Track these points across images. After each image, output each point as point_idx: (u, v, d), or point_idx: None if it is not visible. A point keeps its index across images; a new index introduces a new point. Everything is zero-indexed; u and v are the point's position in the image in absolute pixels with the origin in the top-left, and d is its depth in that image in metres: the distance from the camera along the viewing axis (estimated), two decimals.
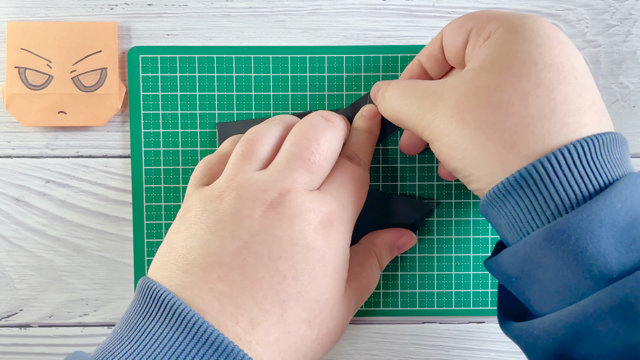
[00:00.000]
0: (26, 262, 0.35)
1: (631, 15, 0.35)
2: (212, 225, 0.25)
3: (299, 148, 0.27)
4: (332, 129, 0.28)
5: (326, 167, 0.27)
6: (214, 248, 0.24)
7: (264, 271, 0.24)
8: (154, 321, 0.23)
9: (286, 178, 0.26)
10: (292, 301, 0.24)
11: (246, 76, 0.34)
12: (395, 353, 0.35)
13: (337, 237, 0.26)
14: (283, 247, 0.24)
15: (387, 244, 0.32)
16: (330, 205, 0.26)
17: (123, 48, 0.34)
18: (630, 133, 0.35)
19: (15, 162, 0.35)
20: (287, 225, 0.25)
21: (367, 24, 0.35)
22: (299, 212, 0.25)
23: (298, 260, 0.25)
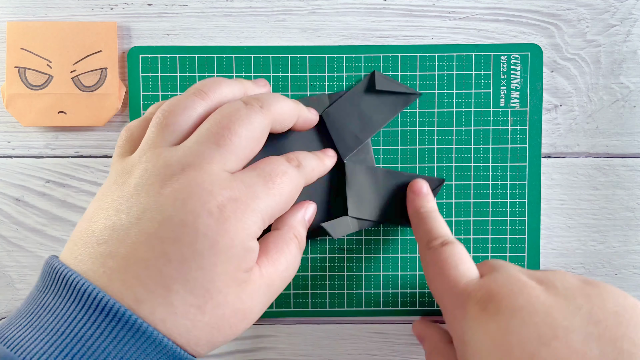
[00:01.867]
0: (26, 262, 0.35)
1: (631, 15, 0.35)
2: (116, 199, 0.24)
3: (211, 124, 0.25)
4: (250, 110, 0.26)
5: (241, 149, 0.25)
6: (110, 222, 0.24)
7: (150, 251, 0.23)
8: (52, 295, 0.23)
9: (192, 153, 0.24)
10: (178, 285, 0.23)
11: (246, 76, 0.34)
12: (395, 353, 0.35)
13: (236, 226, 0.24)
14: (172, 227, 0.23)
15: (301, 221, 0.30)
16: (235, 190, 0.24)
17: (123, 48, 0.34)
18: (630, 133, 0.35)
19: (15, 162, 0.35)
20: (180, 204, 0.23)
21: (367, 24, 0.35)
22: (196, 192, 0.23)
23: (185, 244, 0.23)
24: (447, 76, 0.34)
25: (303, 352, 0.35)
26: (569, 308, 0.24)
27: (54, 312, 0.22)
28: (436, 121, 0.35)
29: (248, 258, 0.25)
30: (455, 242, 0.29)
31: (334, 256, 0.35)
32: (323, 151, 0.33)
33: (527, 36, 0.35)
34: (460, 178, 0.35)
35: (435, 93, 0.34)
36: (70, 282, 0.22)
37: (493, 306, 0.25)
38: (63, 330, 0.22)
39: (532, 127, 0.35)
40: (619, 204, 0.35)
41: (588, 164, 0.35)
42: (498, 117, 0.35)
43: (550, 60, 0.35)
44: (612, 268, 0.35)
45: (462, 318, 0.26)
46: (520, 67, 0.34)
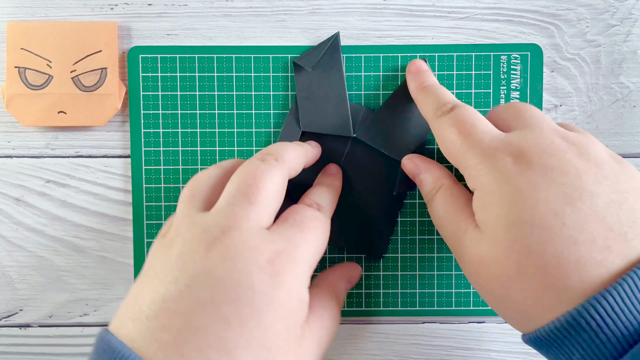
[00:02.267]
0: (26, 262, 0.35)
1: (631, 15, 0.35)
2: (160, 271, 0.24)
3: (239, 184, 0.26)
4: (269, 165, 0.27)
5: (270, 202, 0.26)
6: (159, 295, 0.23)
7: (207, 317, 0.22)
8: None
9: (227, 215, 0.25)
10: (240, 350, 0.22)
11: (246, 76, 0.34)
12: (395, 353, 0.35)
13: (289, 278, 0.24)
14: (226, 289, 0.23)
15: (341, 279, 0.31)
16: (278, 243, 0.25)
17: (123, 48, 0.34)
18: (630, 133, 0.35)
19: (15, 162, 0.35)
20: (230, 264, 0.23)
21: (367, 24, 0.35)
22: (243, 250, 0.23)
23: (243, 304, 0.23)
24: (447, 76, 0.34)
25: None
26: (597, 175, 0.24)
27: None
28: None
29: (302, 310, 0.25)
30: (465, 105, 0.28)
31: (334, 256, 0.35)
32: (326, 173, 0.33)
33: (527, 36, 0.35)
34: (461, 178, 0.35)
35: None
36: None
37: (525, 162, 0.24)
38: None
39: None
40: None
41: None
42: None
43: (550, 60, 0.35)
44: None
45: (488, 171, 0.25)
46: (520, 67, 0.34)
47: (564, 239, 0.23)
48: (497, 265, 0.24)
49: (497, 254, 0.24)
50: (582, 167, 0.24)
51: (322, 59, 0.33)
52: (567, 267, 0.22)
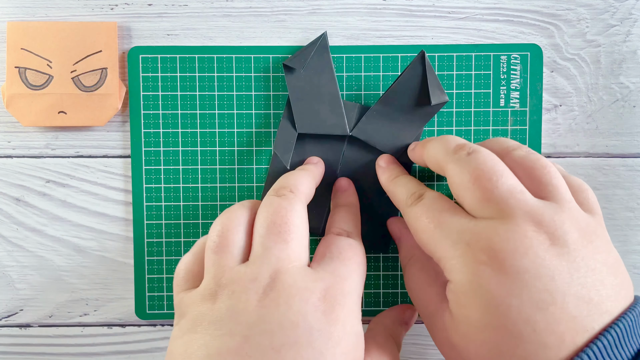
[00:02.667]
0: (26, 262, 0.35)
1: (631, 15, 0.35)
2: (209, 326, 0.24)
3: (268, 226, 0.26)
4: (288, 199, 0.27)
5: (302, 236, 0.26)
6: (214, 349, 0.23)
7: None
8: None
9: (270, 260, 0.25)
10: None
11: (246, 76, 0.34)
12: None
13: (343, 313, 0.24)
14: (284, 333, 0.23)
15: (396, 321, 0.31)
16: (325, 279, 0.25)
17: (123, 48, 0.34)
18: (630, 133, 0.35)
19: (15, 162, 0.35)
20: (285, 308, 0.23)
21: (367, 24, 0.35)
22: (294, 292, 0.24)
23: (303, 345, 0.22)
24: (447, 76, 0.34)
25: None
26: (569, 272, 0.23)
27: None
28: (436, 121, 0.35)
29: (360, 344, 0.25)
30: (431, 191, 0.28)
31: None
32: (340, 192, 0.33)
33: (527, 36, 0.35)
34: None
35: None
36: None
37: (497, 264, 0.24)
38: None
39: (532, 127, 0.35)
40: (619, 204, 0.35)
41: (588, 164, 0.35)
42: (498, 117, 0.35)
43: (550, 60, 0.35)
44: None
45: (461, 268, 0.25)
46: (520, 67, 0.34)
47: (534, 344, 0.23)
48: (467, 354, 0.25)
49: (468, 348, 0.25)
50: (554, 266, 0.23)
51: (311, 59, 0.33)
52: None
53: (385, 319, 0.31)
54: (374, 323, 0.31)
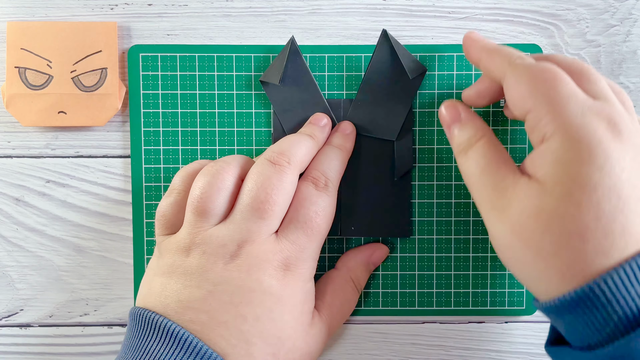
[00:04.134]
0: (26, 262, 0.35)
1: (631, 15, 0.35)
2: (181, 276, 0.28)
3: (251, 199, 0.28)
4: (280, 173, 0.29)
5: (281, 211, 0.29)
6: (184, 297, 0.28)
7: (228, 315, 0.27)
8: (155, 343, 0.27)
9: (242, 230, 0.28)
10: (255, 338, 0.27)
11: (246, 75, 0.34)
12: (395, 353, 0.35)
13: (294, 278, 0.29)
14: (243, 294, 0.28)
15: (361, 264, 0.33)
16: (285, 251, 0.29)
17: (123, 48, 0.35)
18: None
19: (15, 162, 0.35)
20: (245, 275, 0.28)
21: (367, 24, 0.35)
22: (255, 263, 0.28)
23: (256, 304, 0.28)
24: (447, 76, 0.34)
25: None
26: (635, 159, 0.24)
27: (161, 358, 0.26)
28: (436, 121, 0.35)
29: (308, 299, 0.30)
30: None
31: (334, 255, 0.35)
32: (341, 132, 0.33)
33: (527, 36, 0.35)
34: (460, 178, 0.35)
35: (435, 93, 0.34)
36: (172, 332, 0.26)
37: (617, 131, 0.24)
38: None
39: None
40: None
41: None
42: (498, 117, 0.35)
43: None
44: None
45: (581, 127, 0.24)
46: None
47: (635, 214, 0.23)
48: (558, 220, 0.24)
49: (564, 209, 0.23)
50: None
51: (286, 68, 0.33)
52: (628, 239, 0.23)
53: (350, 261, 0.34)
54: (340, 263, 0.34)
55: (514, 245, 0.25)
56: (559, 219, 0.24)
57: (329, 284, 0.33)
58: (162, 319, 0.27)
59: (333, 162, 0.32)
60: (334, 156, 0.32)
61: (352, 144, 0.33)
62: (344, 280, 0.33)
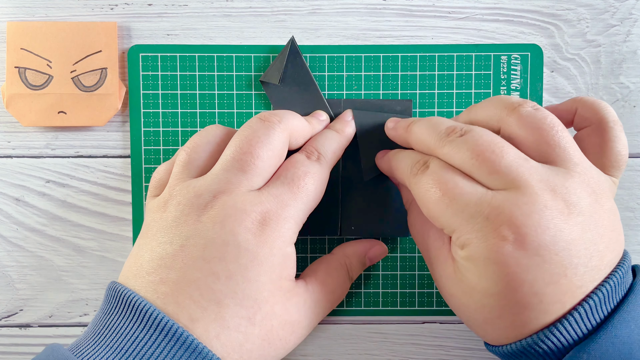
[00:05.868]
0: (26, 262, 0.35)
1: (631, 15, 0.35)
2: (156, 232, 0.27)
3: (234, 151, 0.27)
4: (268, 128, 0.28)
5: (265, 168, 0.27)
6: (156, 254, 0.26)
7: (199, 272, 0.25)
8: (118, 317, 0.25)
9: (220, 181, 0.27)
10: (228, 299, 0.25)
11: (246, 75, 0.34)
12: (395, 353, 0.35)
13: (272, 236, 0.26)
14: (215, 248, 0.25)
15: (357, 254, 0.33)
16: (265, 204, 0.26)
17: (123, 48, 0.34)
18: (630, 133, 0.35)
19: (15, 162, 0.35)
20: (219, 227, 0.25)
21: (367, 24, 0.35)
22: (230, 214, 0.26)
23: (230, 260, 0.25)
24: (447, 76, 0.34)
25: (303, 352, 0.35)
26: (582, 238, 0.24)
27: (121, 333, 0.24)
28: None
29: (288, 264, 0.27)
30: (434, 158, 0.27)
31: None
32: (341, 119, 0.33)
33: (527, 36, 0.35)
34: None
35: (435, 93, 0.34)
36: (133, 304, 0.25)
37: (519, 240, 0.23)
38: (127, 348, 0.24)
39: None
40: (619, 204, 0.35)
41: None
42: None
43: (550, 60, 0.35)
44: None
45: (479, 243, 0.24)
46: (520, 68, 0.34)
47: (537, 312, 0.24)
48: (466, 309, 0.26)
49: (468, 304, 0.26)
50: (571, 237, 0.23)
51: (286, 68, 0.33)
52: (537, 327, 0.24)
53: (348, 248, 0.33)
54: (336, 249, 0.33)
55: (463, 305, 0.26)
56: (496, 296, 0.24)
57: (322, 263, 0.31)
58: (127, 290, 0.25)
59: (328, 141, 0.31)
60: (330, 137, 0.31)
61: (352, 130, 0.33)
62: (339, 264, 0.32)
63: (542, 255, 0.23)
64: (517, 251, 0.23)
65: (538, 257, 0.23)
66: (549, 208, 0.23)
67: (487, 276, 0.24)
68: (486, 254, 0.24)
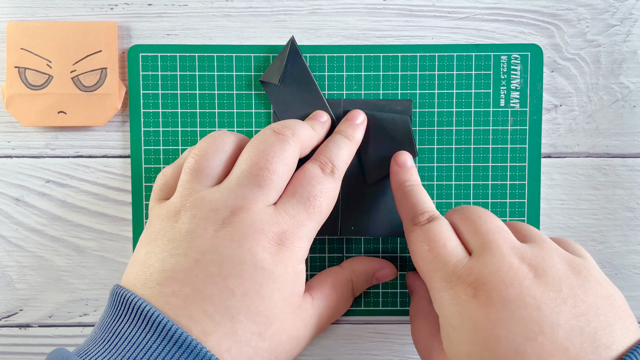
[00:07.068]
0: (26, 262, 0.35)
1: (631, 15, 0.35)
2: (168, 243, 0.26)
3: (250, 165, 0.27)
4: (283, 142, 0.28)
5: (280, 182, 0.27)
6: (169, 265, 0.26)
7: (214, 288, 0.25)
8: (126, 324, 0.25)
9: (237, 196, 0.26)
10: (242, 315, 0.25)
11: (246, 75, 0.34)
12: (395, 353, 0.35)
13: (287, 255, 0.27)
14: (232, 265, 0.25)
15: (366, 273, 0.33)
16: (282, 224, 0.27)
17: (123, 48, 0.34)
18: (630, 133, 0.35)
19: (15, 162, 0.35)
20: (237, 245, 0.26)
21: (367, 24, 0.35)
22: (249, 233, 0.26)
23: (246, 278, 0.25)
24: (447, 76, 0.34)
25: (303, 352, 0.35)
26: (556, 301, 0.24)
27: (129, 340, 0.24)
28: (436, 121, 0.35)
29: (299, 281, 0.28)
30: (441, 217, 0.29)
31: (334, 255, 0.35)
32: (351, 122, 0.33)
33: (527, 36, 0.35)
34: (460, 178, 0.35)
35: (435, 93, 0.34)
36: (145, 313, 0.24)
37: (484, 294, 0.25)
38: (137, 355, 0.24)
39: (532, 127, 0.35)
40: (619, 204, 0.35)
41: (588, 164, 0.35)
42: (498, 117, 0.35)
43: (550, 60, 0.35)
44: (612, 268, 0.35)
45: (450, 301, 0.26)
46: (520, 67, 0.34)
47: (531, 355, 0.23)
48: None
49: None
50: (540, 296, 0.24)
51: (286, 68, 0.33)
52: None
53: (356, 265, 0.33)
54: (346, 263, 0.33)
55: None
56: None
57: (330, 276, 0.31)
58: (136, 298, 0.25)
59: (341, 150, 0.31)
60: (342, 145, 0.31)
61: (361, 134, 0.33)
62: (345, 280, 0.32)
63: (509, 309, 0.24)
64: (485, 306, 0.24)
65: (506, 312, 0.24)
66: (514, 268, 0.25)
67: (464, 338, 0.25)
68: (457, 312, 0.25)
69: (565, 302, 0.24)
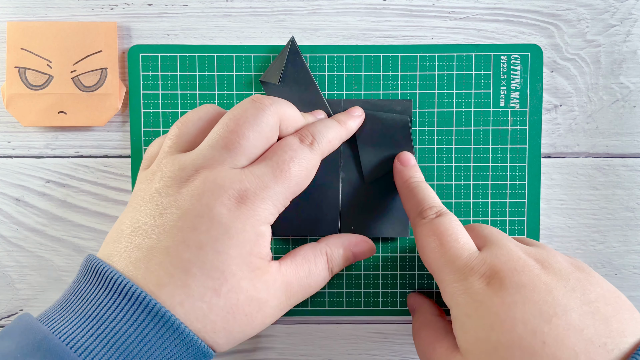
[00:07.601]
0: (26, 262, 0.35)
1: (631, 15, 0.35)
2: (140, 201, 0.27)
3: (221, 129, 0.28)
4: (258, 110, 0.28)
5: (250, 148, 0.28)
6: (136, 221, 0.27)
7: (171, 240, 0.26)
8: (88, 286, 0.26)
9: (205, 157, 0.27)
10: (195, 268, 0.25)
11: (246, 75, 0.34)
12: (395, 353, 0.35)
13: (246, 214, 0.26)
14: (189, 219, 0.26)
15: (341, 246, 0.32)
16: (245, 182, 0.27)
17: (123, 48, 0.35)
18: (630, 133, 0.35)
19: (15, 162, 0.35)
20: (196, 199, 0.26)
21: (367, 24, 0.35)
22: (209, 188, 0.26)
23: (202, 231, 0.26)
24: (447, 76, 0.34)
25: (303, 352, 0.35)
26: (565, 288, 0.25)
27: (87, 300, 0.25)
28: (436, 121, 0.35)
29: (260, 243, 0.27)
30: (450, 213, 0.29)
31: None
32: (348, 112, 0.33)
33: (527, 36, 0.35)
34: (460, 178, 0.35)
35: (435, 93, 0.34)
36: (101, 272, 0.25)
37: (497, 282, 0.26)
38: (93, 314, 0.25)
39: (532, 127, 0.35)
40: (619, 204, 0.35)
41: (588, 164, 0.35)
42: (498, 117, 0.35)
43: (550, 60, 0.35)
44: (612, 268, 0.35)
45: (464, 291, 0.26)
46: (520, 68, 0.34)
47: (546, 358, 0.23)
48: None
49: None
50: (550, 282, 0.25)
51: (286, 68, 0.33)
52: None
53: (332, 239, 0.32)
54: (324, 238, 0.32)
55: None
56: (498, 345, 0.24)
57: (302, 248, 0.31)
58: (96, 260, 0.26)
59: (328, 129, 0.30)
60: (330, 125, 0.31)
61: (355, 124, 0.33)
62: (319, 251, 0.31)
63: (523, 293, 0.25)
64: (499, 292, 0.25)
65: (519, 295, 0.25)
66: (523, 259, 0.26)
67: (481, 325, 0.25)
68: (473, 298, 0.26)
69: (574, 290, 0.25)
